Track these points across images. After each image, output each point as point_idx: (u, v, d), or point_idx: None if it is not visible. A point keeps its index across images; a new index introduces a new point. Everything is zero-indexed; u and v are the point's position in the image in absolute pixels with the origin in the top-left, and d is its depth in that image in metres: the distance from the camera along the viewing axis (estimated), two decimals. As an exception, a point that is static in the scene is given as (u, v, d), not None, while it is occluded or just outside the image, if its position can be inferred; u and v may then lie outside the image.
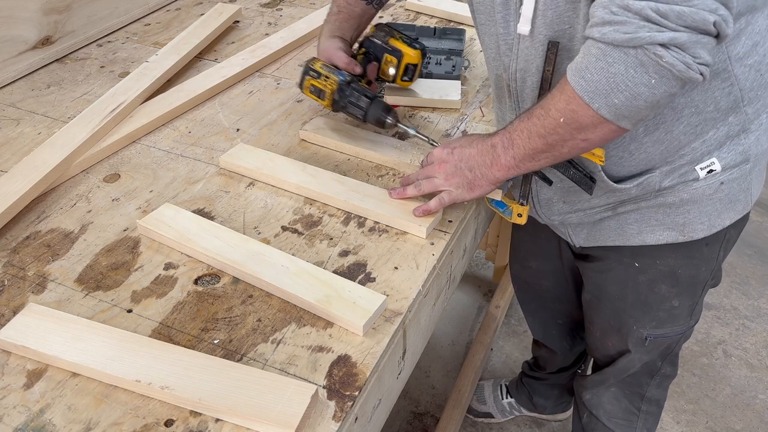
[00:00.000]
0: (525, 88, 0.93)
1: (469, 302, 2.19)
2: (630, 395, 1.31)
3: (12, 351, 0.77)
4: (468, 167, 0.92)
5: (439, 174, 0.95)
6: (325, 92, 1.09)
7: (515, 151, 0.86)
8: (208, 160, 1.11)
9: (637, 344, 1.18)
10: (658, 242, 1.01)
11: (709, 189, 0.95)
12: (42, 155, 1.05)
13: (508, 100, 0.99)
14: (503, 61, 0.94)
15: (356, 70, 1.12)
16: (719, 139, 0.92)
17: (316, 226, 0.97)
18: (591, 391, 1.36)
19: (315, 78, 1.11)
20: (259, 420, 0.68)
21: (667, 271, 1.06)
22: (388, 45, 1.16)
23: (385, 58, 1.17)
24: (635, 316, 1.14)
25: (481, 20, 0.95)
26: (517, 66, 0.91)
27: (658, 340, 1.17)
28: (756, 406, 1.88)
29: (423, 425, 1.80)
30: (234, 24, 1.60)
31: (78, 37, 1.46)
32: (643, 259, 1.06)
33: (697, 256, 1.05)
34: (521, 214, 1.01)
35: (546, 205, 1.06)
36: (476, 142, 0.92)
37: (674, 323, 1.14)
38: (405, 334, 0.84)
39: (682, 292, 1.09)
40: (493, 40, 0.94)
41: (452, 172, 0.93)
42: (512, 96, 0.97)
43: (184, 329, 0.80)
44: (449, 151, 0.94)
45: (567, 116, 0.78)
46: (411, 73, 1.18)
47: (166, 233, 0.91)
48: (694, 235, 0.99)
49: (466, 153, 0.92)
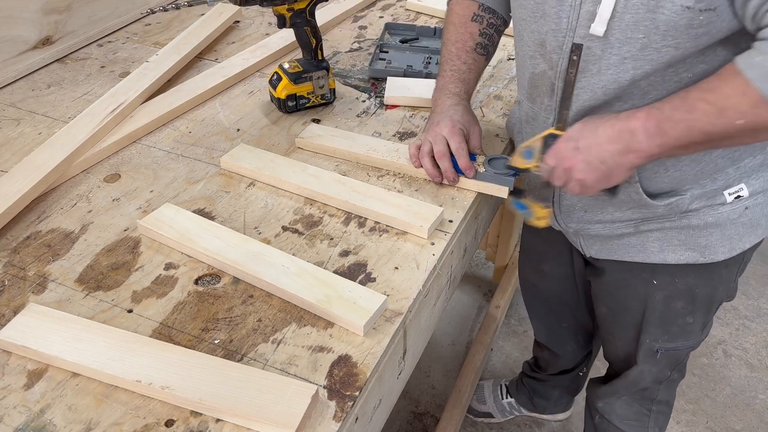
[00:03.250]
0: (574, 90, 0.90)
1: (469, 302, 2.19)
2: (641, 400, 1.32)
3: (12, 351, 0.77)
4: (599, 160, 0.85)
5: (570, 176, 0.88)
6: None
7: (663, 140, 0.80)
8: (209, 160, 1.11)
9: (647, 356, 1.18)
10: (678, 262, 1.01)
11: (734, 213, 0.95)
12: (42, 155, 1.05)
13: (548, 99, 0.95)
14: (550, 58, 0.91)
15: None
16: (753, 167, 0.93)
17: (317, 226, 0.97)
18: (603, 400, 1.38)
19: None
20: (260, 420, 0.68)
21: (684, 289, 1.06)
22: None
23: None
24: (648, 330, 1.14)
25: (522, 15, 0.93)
26: (568, 65, 0.89)
27: (668, 353, 1.17)
28: (756, 406, 1.88)
29: (423, 425, 1.81)
30: (234, 24, 1.60)
31: (78, 37, 1.46)
32: (661, 276, 1.06)
33: (715, 277, 1.05)
34: (542, 217, 0.99)
35: (566, 212, 1.06)
36: (602, 128, 0.84)
37: (687, 338, 1.15)
38: (405, 334, 0.84)
39: (698, 310, 1.10)
40: (536, 37, 0.92)
41: (583, 168, 0.86)
42: (556, 95, 0.93)
43: (184, 329, 0.80)
44: (574, 147, 0.87)
45: (750, 119, 0.74)
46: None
47: (167, 233, 0.91)
48: (714, 258, 0.99)
49: (593, 144, 0.85)
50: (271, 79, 1.23)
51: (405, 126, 1.21)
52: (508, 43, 1.52)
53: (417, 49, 1.46)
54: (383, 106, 1.27)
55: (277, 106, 1.24)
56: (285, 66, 1.21)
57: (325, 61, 1.22)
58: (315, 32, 1.19)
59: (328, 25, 1.57)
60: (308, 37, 1.18)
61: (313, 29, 1.18)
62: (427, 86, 1.28)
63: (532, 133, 1.00)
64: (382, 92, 1.30)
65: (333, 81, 1.25)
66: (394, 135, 1.18)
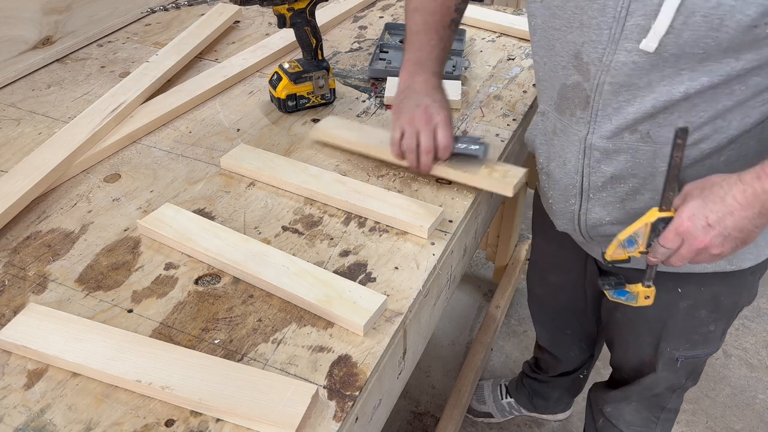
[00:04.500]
0: (613, 103, 0.85)
1: (469, 302, 2.19)
2: (651, 407, 1.31)
3: (12, 351, 0.77)
4: (737, 229, 0.78)
5: (702, 252, 0.81)
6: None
7: None
8: (209, 160, 1.11)
9: (667, 365, 1.17)
10: (704, 270, 0.99)
11: None
12: (42, 155, 1.05)
13: (581, 112, 0.90)
14: (587, 70, 0.86)
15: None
16: None
17: (317, 226, 0.97)
18: (612, 405, 1.36)
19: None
20: (260, 420, 0.68)
21: (710, 298, 1.05)
22: None
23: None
24: (669, 339, 1.13)
25: (555, 25, 0.88)
26: (608, 78, 0.84)
27: (688, 361, 1.16)
28: (756, 406, 1.88)
29: (423, 425, 1.81)
30: (234, 24, 1.60)
31: (78, 37, 1.46)
32: (687, 285, 1.04)
33: (740, 284, 1.04)
34: (649, 296, 0.93)
35: (593, 226, 1.01)
36: (730, 196, 0.77)
37: (707, 346, 1.14)
38: (405, 334, 0.84)
39: (721, 318, 1.09)
40: (570, 48, 0.87)
41: (720, 243, 0.79)
42: (590, 109, 0.88)
43: (184, 329, 0.80)
44: (704, 225, 0.79)
45: None
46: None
47: (167, 233, 0.91)
48: (741, 265, 0.98)
49: (726, 215, 0.77)
50: (271, 79, 1.23)
51: (405, 126, 1.21)
52: (508, 43, 1.52)
53: (417, 49, 1.46)
54: (383, 106, 1.27)
55: (277, 106, 1.24)
56: (285, 66, 1.21)
57: (325, 61, 1.23)
58: (315, 32, 1.19)
59: (328, 25, 1.57)
60: (308, 37, 1.18)
61: (313, 29, 1.18)
62: (427, 86, 1.28)
63: (563, 144, 0.96)
64: (382, 92, 1.31)
65: (333, 81, 1.25)
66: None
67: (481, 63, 1.43)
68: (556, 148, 0.99)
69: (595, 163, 0.92)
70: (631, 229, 0.86)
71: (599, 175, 0.93)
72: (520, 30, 1.54)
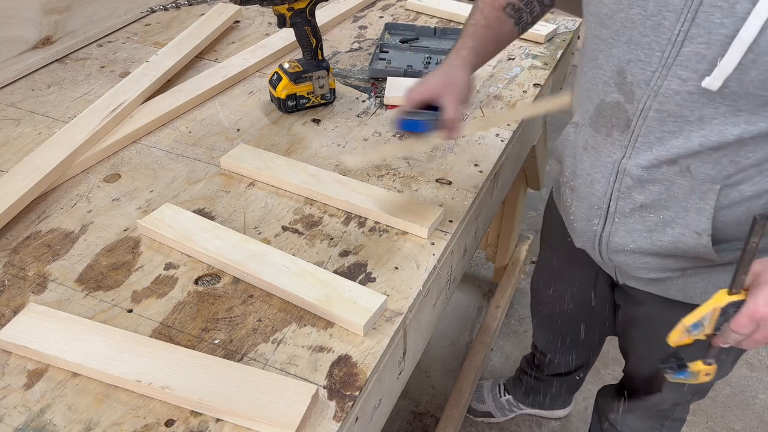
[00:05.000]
0: (656, 132, 0.81)
1: (469, 302, 2.19)
2: (655, 417, 1.30)
3: (12, 351, 0.77)
4: None
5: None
6: None
7: None
8: (209, 160, 1.11)
9: (674, 386, 1.16)
10: None
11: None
12: (42, 155, 1.05)
13: (619, 134, 0.86)
14: (631, 91, 0.81)
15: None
16: None
17: (317, 226, 0.97)
18: (617, 414, 1.35)
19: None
20: (260, 420, 0.68)
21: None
22: None
23: None
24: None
25: (603, 35, 0.82)
26: (655, 105, 0.79)
27: (695, 385, 1.14)
28: (756, 406, 1.88)
29: (423, 425, 1.81)
30: (234, 24, 1.60)
31: (78, 37, 1.46)
32: None
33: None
34: (709, 373, 0.89)
35: (614, 250, 0.97)
36: None
37: (717, 373, 1.12)
38: (405, 334, 0.84)
39: (733, 348, 1.07)
40: (614, 63, 0.82)
41: None
42: (630, 132, 0.84)
43: (184, 329, 0.80)
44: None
45: None
46: None
47: (167, 233, 0.91)
48: None
49: None
50: (271, 79, 1.23)
51: (405, 126, 1.21)
52: (508, 43, 1.52)
53: (417, 49, 1.46)
54: (383, 106, 1.27)
55: (277, 106, 1.24)
56: (285, 66, 1.21)
57: (325, 61, 1.23)
58: (315, 32, 1.19)
59: (328, 25, 1.57)
60: (308, 36, 1.18)
61: (313, 29, 1.18)
62: (427, 86, 1.28)
63: (593, 163, 0.92)
64: (382, 92, 1.31)
65: (333, 81, 1.25)
66: (394, 135, 1.18)
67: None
68: (585, 165, 0.94)
69: (626, 189, 0.88)
70: (698, 314, 0.81)
71: (628, 202, 0.89)
72: (520, 30, 1.54)
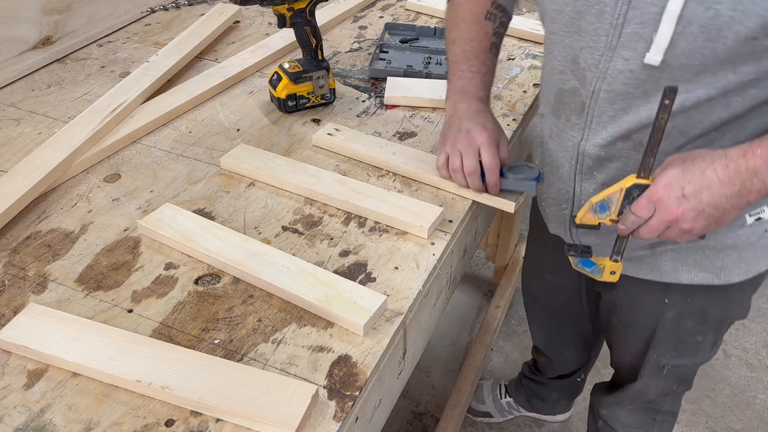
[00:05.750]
0: (608, 111, 0.85)
1: (469, 302, 2.19)
2: (646, 410, 1.31)
3: (12, 351, 0.77)
4: (713, 206, 0.75)
5: (673, 224, 0.79)
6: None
7: None
8: (209, 160, 1.11)
9: (653, 371, 1.17)
10: (692, 282, 0.97)
11: (753, 236, 0.92)
12: (42, 155, 1.05)
13: (576, 118, 0.90)
14: (583, 76, 0.86)
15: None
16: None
17: (317, 226, 0.97)
18: (607, 408, 1.36)
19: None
20: (260, 420, 0.68)
21: (697, 309, 1.04)
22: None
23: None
24: (656, 347, 1.12)
25: (555, 29, 0.88)
26: (605, 86, 0.83)
27: (675, 369, 1.16)
28: (756, 406, 1.88)
29: (423, 425, 1.81)
30: (234, 24, 1.60)
31: (78, 37, 1.46)
32: (674, 295, 1.03)
33: (729, 299, 1.02)
34: (615, 272, 0.91)
35: (584, 234, 1.02)
36: (710, 170, 0.75)
37: (695, 356, 1.13)
38: (405, 334, 0.84)
39: (709, 329, 1.08)
40: (568, 53, 0.87)
41: (692, 217, 0.77)
42: (585, 115, 0.89)
43: (184, 329, 0.80)
44: (678, 195, 0.76)
45: None
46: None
47: (167, 233, 0.91)
48: (729, 280, 0.96)
49: (704, 189, 0.75)
50: (271, 79, 1.23)
51: (405, 126, 1.21)
52: (508, 43, 1.52)
53: (417, 49, 1.46)
54: (383, 106, 1.27)
55: (277, 106, 1.24)
56: (285, 66, 1.21)
57: (325, 61, 1.23)
58: (315, 32, 1.19)
59: (328, 25, 1.57)
60: (308, 36, 1.18)
61: (313, 29, 1.18)
62: (427, 86, 1.28)
63: (557, 149, 0.96)
64: (382, 92, 1.31)
65: (333, 81, 1.25)
66: (394, 135, 1.18)
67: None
68: (551, 151, 0.99)
69: (587, 169, 0.92)
70: (605, 193, 0.83)
71: (591, 182, 0.93)
72: (520, 30, 1.54)
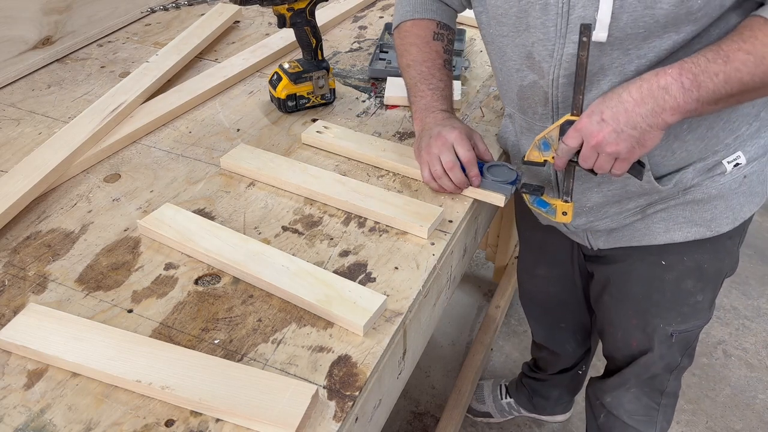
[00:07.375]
0: (571, 94, 0.88)
1: (469, 302, 2.19)
2: (650, 392, 1.31)
3: (12, 351, 0.77)
4: (631, 126, 0.80)
5: (600, 152, 0.84)
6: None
7: (700, 94, 0.77)
8: (209, 160, 1.11)
9: (662, 341, 1.18)
10: (686, 239, 1.01)
11: (735, 183, 0.96)
12: (42, 155, 1.05)
13: (542, 108, 0.95)
14: (540, 68, 0.90)
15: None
16: (749, 135, 0.94)
17: (317, 226, 0.97)
18: (611, 394, 1.36)
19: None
20: (260, 420, 0.68)
21: (693, 266, 1.07)
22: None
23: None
24: (660, 315, 1.14)
25: (504, 32, 0.92)
26: (562, 72, 0.88)
27: (682, 335, 1.17)
28: (756, 406, 1.88)
29: (423, 425, 1.81)
30: (234, 24, 1.60)
31: (78, 37, 1.46)
32: (669, 256, 1.06)
33: (721, 250, 1.06)
34: (566, 212, 0.98)
35: (576, 213, 1.04)
36: (626, 92, 0.80)
37: (697, 317, 1.15)
38: (405, 334, 0.84)
39: (706, 287, 1.11)
40: (521, 50, 0.91)
41: (614, 139, 0.81)
42: (550, 103, 0.93)
43: (184, 329, 0.80)
44: (598, 120, 0.81)
45: None
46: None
47: (167, 233, 0.91)
48: (720, 230, 1.00)
49: (621, 111, 0.80)
50: (271, 79, 1.23)
51: (405, 126, 1.21)
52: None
53: (417, 49, 1.46)
54: (383, 106, 1.27)
55: (277, 106, 1.24)
56: (285, 66, 1.21)
57: (325, 61, 1.23)
58: (315, 32, 1.19)
59: (328, 25, 1.57)
60: (308, 37, 1.18)
61: (313, 29, 1.18)
62: (427, 86, 1.28)
63: (529, 142, 0.99)
64: (382, 92, 1.31)
65: (333, 81, 1.25)
66: (394, 135, 1.18)
67: (481, 63, 1.43)
68: (525, 147, 1.01)
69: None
70: (546, 132, 0.90)
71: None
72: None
